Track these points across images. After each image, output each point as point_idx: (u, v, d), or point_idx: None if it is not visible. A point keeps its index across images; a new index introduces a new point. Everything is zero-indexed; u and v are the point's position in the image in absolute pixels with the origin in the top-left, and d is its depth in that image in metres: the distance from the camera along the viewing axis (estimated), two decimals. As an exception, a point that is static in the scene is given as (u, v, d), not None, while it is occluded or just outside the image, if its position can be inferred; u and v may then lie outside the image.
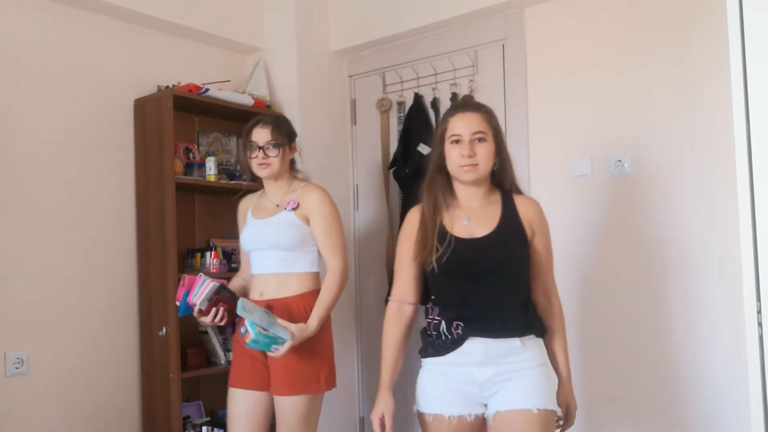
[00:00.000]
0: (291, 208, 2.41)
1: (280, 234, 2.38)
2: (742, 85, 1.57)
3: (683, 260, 2.64)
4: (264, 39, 3.49)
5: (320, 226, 2.40)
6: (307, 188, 2.47)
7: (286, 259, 2.40)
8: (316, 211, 2.41)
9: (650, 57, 2.72)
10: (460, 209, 1.96)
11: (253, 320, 2.14)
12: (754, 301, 1.55)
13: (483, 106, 1.99)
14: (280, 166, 2.43)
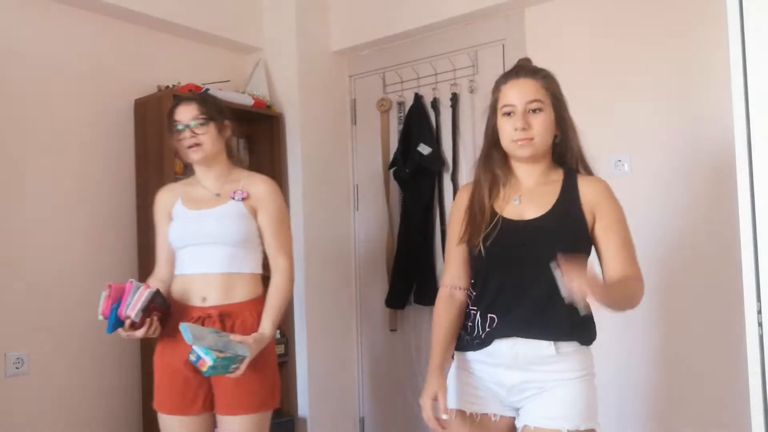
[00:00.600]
0: (240, 198, 2.13)
1: (227, 226, 2.09)
2: (742, 85, 1.57)
3: (683, 260, 2.64)
4: (264, 39, 3.49)
5: (270, 220, 2.14)
6: (253, 178, 2.21)
7: (232, 257, 2.09)
8: (266, 203, 2.15)
9: (650, 56, 2.72)
10: (516, 189, 1.74)
11: (205, 347, 1.84)
12: (754, 301, 1.55)
13: (540, 71, 1.78)
14: (213, 146, 2.15)
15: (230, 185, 2.17)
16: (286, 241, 2.18)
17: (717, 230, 2.55)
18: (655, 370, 2.69)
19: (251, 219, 2.13)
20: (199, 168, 2.21)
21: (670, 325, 2.66)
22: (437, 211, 3.29)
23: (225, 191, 2.16)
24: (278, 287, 2.11)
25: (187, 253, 2.12)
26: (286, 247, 2.17)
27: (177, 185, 2.28)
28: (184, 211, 2.16)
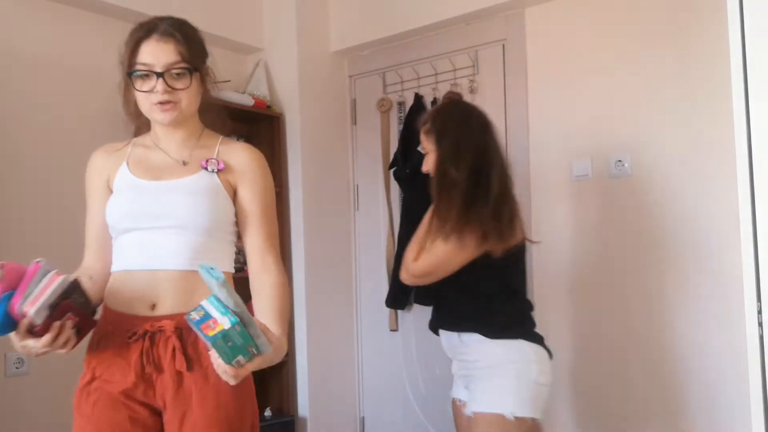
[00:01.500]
0: (214, 169, 1.59)
1: (197, 205, 1.54)
2: (742, 85, 1.56)
3: (683, 260, 2.64)
4: (264, 39, 3.49)
5: (256, 202, 1.62)
6: (230, 145, 1.67)
7: (198, 249, 1.54)
8: (251, 179, 1.62)
9: (651, 56, 2.72)
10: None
11: (228, 305, 1.25)
12: (755, 301, 1.55)
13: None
14: (192, 105, 1.59)
15: (201, 152, 1.62)
16: (275, 234, 1.66)
17: (717, 230, 2.55)
18: (655, 371, 2.69)
19: (228, 199, 1.60)
20: (160, 128, 1.63)
21: (670, 325, 2.66)
22: (437, 211, 3.29)
23: (194, 159, 1.61)
24: (278, 285, 1.57)
25: (132, 241, 1.55)
26: (275, 242, 1.65)
27: (121, 145, 1.69)
28: (133, 181, 1.58)
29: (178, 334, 1.49)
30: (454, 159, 2.00)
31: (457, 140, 2.02)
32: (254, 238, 1.62)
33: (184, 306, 1.47)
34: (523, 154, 3.02)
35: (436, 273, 1.98)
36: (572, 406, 2.88)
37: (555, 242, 2.94)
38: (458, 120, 2.07)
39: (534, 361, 1.94)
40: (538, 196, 2.99)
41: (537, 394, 1.92)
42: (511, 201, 2.00)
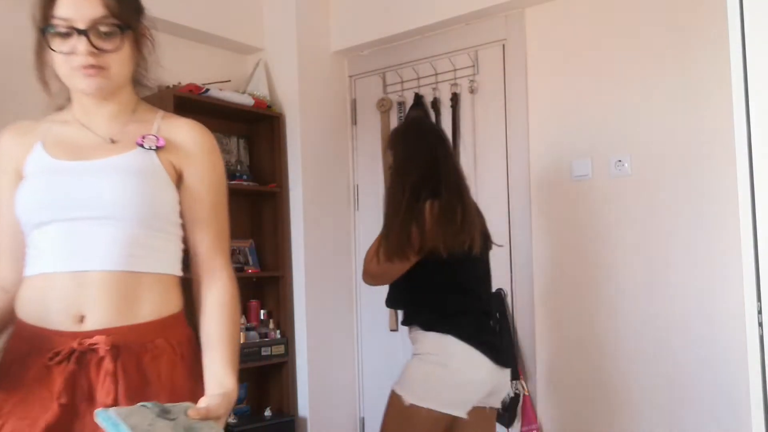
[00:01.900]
0: (152, 146, 1.29)
1: (130, 189, 1.23)
2: (742, 85, 1.56)
3: (683, 260, 2.64)
4: (264, 39, 3.49)
5: (206, 192, 1.34)
6: (173, 120, 1.38)
7: (134, 244, 1.23)
8: (198, 162, 1.34)
9: (651, 57, 2.72)
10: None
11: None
12: (755, 301, 1.55)
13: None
14: (124, 71, 1.30)
15: (136, 127, 1.33)
16: (225, 233, 1.38)
17: (717, 230, 2.55)
18: (654, 371, 2.68)
19: (171, 183, 1.30)
20: (85, 99, 1.32)
21: (670, 324, 2.66)
22: (437, 211, 3.29)
23: (127, 136, 1.30)
24: (226, 303, 1.32)
25: (51, 236, 1.23)
26: (225, 243, 1.37)
27: (35, 123, 1.38)
28: (50, 163, 1.27)
29: (115, 354, 1.17)
30: (402, 175, 2.14)
31: (407, 157, 2.16)
32: (200, 237, 1.33)
33: (122, 317, 1.20)
34: (523, 154, 3.02)
35: (384, 278, 2.21)
36: (569, 401, 2.88)
37: (555, 242, 2.94)
38: (412, 138, 2.21)
39: (456, 357, 2.01)
40: (539, 195, 2.99)
41: (447, 389, 1.99)
42: (463, 207, 2.10)
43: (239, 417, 3.13)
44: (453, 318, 2.06)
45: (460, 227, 2.05)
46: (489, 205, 3.14)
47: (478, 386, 2.03)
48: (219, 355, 1.27)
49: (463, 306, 2.11)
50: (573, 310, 2.89)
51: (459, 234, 2.04)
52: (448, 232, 2.03)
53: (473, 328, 2.07)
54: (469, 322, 2.08)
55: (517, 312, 3.04)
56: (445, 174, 2.13)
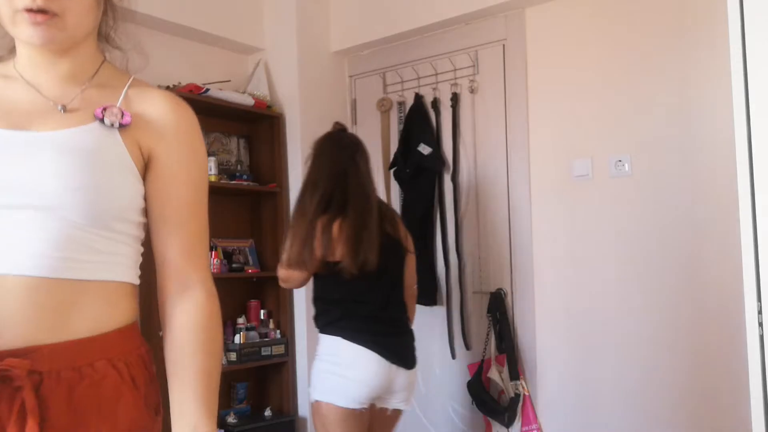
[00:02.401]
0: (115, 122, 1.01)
1: (80, 173, 0.96)
2: (742, 85, 1.57)
3: (683, 260, 2.64)
4: (264, 39, 3.49)
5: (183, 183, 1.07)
6: (145, 90, 1.10)
7: (76, 248, 0.96)
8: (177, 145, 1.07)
9: (651, 57, 2.72)
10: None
11: None
12: (755, 301, 1.55)
13: None
14: (85, 21, 1.02)
15: (97, 93, 1.05)
16: (203, 238, 1.10)
17: (717, 230, 2.55)
18: (654, 370, 2.69)
19: (135, 171, 1.03)
20: (32, 52, 1.03)
21: (670, 325, 2.66)
22: (437, 211, 3.29)
23: (84, 104, 1.03)
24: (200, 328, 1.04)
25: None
26: (203, 250, 1.10)
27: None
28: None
29: (36, 382, 0.90)
30: (312, 188, 2.27)
31: (318, 171, 2.30)
32: (170, 240, 1.05)
33: (48, 333, 0.92)
34: (523, 154, 3.02)
35: (289, 282, 2.35)
36: (569, 401, 2.89)
37: (555, 242, 2.94)
38: (326, 152, 2.33)
39: (346, 356, 2.21)
40: (539, 195, 2.99)
41: (339, 384, 2.19)
42: (365, 228, 2.22)
43: (239, 417, 3.13)
44: (342, 322, 2.25)
45: (358, 248, 2.19)
46: (488, 205, 3.15)
47: (371, 382, 2.19)
48: (192, 394, 1.01)
49: (354, 312, 2.26)
50: (573, 310, 2.89)
51: (357, 255, 2.18)
52: (348, 251, 2.19)
53: (361, 331, 2.22)
54: (357, 325, 2.24)
55: (517, 311, 3.05)
56: (353, 191, 2.25)
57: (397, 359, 2.26)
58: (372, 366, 2.20)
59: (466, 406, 3.12)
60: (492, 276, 3.13)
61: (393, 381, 2.25)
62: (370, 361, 2.20)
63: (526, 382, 2.98)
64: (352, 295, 2.27)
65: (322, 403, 2.21)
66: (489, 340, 3.06)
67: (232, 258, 3.21)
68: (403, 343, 2.36)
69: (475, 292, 3.19)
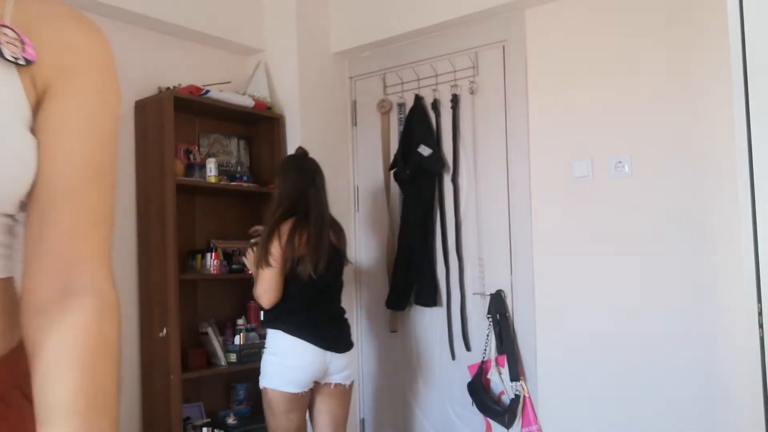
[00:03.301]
0: (18, 57, 0.69)
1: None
2: (742, 86, 1.57)
3: (683, 260, 2.64)
4: (265, 40, 3.49)
5: (81, 136, 0.73)
6: (41, 6, 0.76)
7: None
8: (83, 83, 0.74)
9: (651, 58, 2.72)
10: None
11: None
12: (755, 302, 1.55)
13: None
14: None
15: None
16: (104, 218, 0.76)
17: (717, 231, 2.55)
18: (654, 371, 2.68)
19: (26, 124, 0.72)
20: None
21: (670, 325, 2.66)
22: (438, 212, 3.29)
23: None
24: (92, 367, 0.69)
25: None
26: (102, 237, 0.75)
27: None
28: None
29: None
30: (277, 205, 2.62)
31: (282, 190, 2.65)
32: (51, 216, 0.71)
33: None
34: (523, 155, 3.02)
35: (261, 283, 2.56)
36: (569, 402, 2.88)
37: (555, 243, 2.94)
38: (290, 174, 2.67)
39: (283, 347, 2.51)
40: (539, 196, 2.99)
41: (281, 372, 2.50)
42: (320, 239, 2.59)
43: (239, 418, 3.13)
44: (281, 318, 2.54)
45: (314, 256, 2.55)
46: (489, 206, 3.15)
47: (307, 368, 2.51)
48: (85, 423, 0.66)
49: (293, 308, 2.56)
50: (573, 310, 2.89)
51: (313, 261, 2.54)
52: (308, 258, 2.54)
53: (298, 324, 2.53)
54: (295, 319, 2.54)
55: (517, 312, 3.05)
56: (312, 208, 2.62)
57: (330, 346, 2.57)
58: (307, 354, 2.51)
59: (467, 407, 3.12)
60: (492, 277, 3.13)
61: (329, 364, 2.57)
62: (305, 350, 2.51)
63: (526, 383, 2.98)
64: (295, 294, 2.57)
65: (268, 389, 2.52)
66: (489, 342, 3.06)
67: (232, 259, 3.21)
68: (337, 331, 2.67)
69: (475, 293, 3.19)
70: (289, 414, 2.51)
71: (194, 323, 3.15)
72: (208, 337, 3.10)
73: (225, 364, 3.06)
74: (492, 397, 3.02)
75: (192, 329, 3.12)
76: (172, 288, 2.84)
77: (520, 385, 2.95)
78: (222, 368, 3.06)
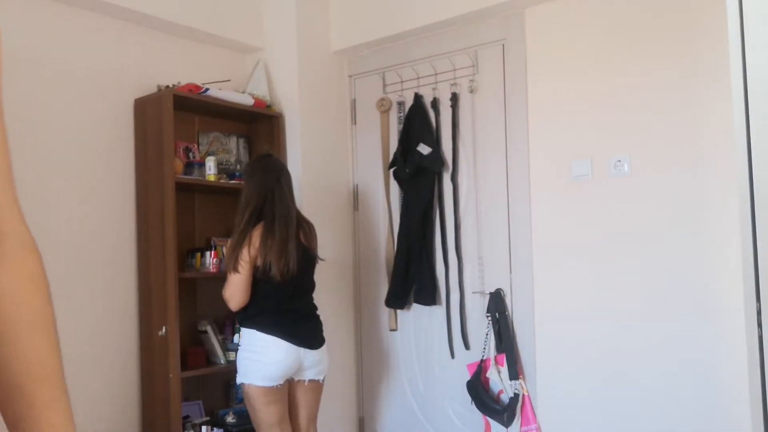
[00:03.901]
0: None
1: None
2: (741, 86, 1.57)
3: (683, 261, 2.64)
4: (264, 39, 3.49)
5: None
6: None
7: None
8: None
9: (650, 57, 2.72)
10: None
11: None
12: (754, 301, 1.55)
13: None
14: None
15: None
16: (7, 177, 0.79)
17: (716, 231, 2.55)
18: (654, 371, 2.69)
19: None
20: None
21: (669, 325, 2.66)
22: (437, 211, 3.29)
23: None
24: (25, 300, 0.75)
25: None
26: (8, 196, 0.78)
27: None
28: None
29: None
30: (244, 206, 2.67)
31: (248, 191, 2.69)
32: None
33: None
34: (522, 154, 3.02)
35: (230, 287, 2.62)
36: (569, 401, 2.89)
37: (554, 242, 2.94)
38: (256, 175, 2.71)
39: (259, 345, 2.59)
40: (538, 195, 2.99)
41: (256, 368, 2.58)
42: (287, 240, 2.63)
43: (238, 416, 3.13)
44: (255, 317, 2.62)
45: (284, 257, 2.61)
46: (488, 205, 3.15)
47: (281, 363, 2.59)
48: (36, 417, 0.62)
49: (266, 308, 2.63)
50: (572, 310, 2.89)
51: (283, 262, 2.60)
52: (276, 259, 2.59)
53: (272, 323, 2.61)
54: (268, 318, 2.61)
55: (516, 312, 3.05)
56: (278, 208, 2.65)
57: (303, 343, 2.65)
58: (281, 350, 2.60)
59: (466, 406, 3.12)
60: (491, 276, 3.13)
61: (302, 360, 2.66)
62: (279, 347, 2.60)
63: (526, 381, 2.98)
64: (267, 294, 2.63)
65: (245, 384, 2.62)
66: (488, 340, 3.06)
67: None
68: (309, 329, 2.73)
69: (474, 292, 3.19)
70: (269, 406, 2.60)
71: (193, 322, 3.15)
72: (208, 335, 3.10)
73: (224, 363, 3.06)
74: (491, 396, 3.03)
75: (191, 328, 3.12)
76: (171, 286, 2.84)
77: (519, 384, 2.95)
78: (221, 366, 3.06)
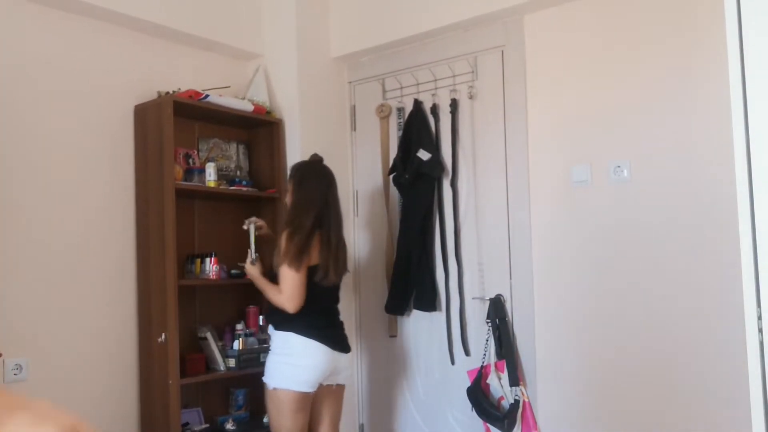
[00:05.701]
0: None
1: None
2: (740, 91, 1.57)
3: (682, 266, 2.64)
4: (264, 45, 3.50)
5: None
6: None
7: None
8: None
9: (649, 63, 2.72)
10: None
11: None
12: (755, 306, 1.55)
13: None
14: None
15: None
16: None
17: (716, 236, 2.55)
18: (654, 375, 2.68)
19: None
20: None
21: (669, 329, 2.66)
22: (437, 216, 3.29)
23: None
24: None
25: None
26: None
27: None
28: None
29: None
30: (305, 210, 2.68)
31: (307, 194, 2.71)
32: None
33: None
34: (522, 160, 3.03)
35: (284, 283, 2.60)
36: (569, 407, 2.88)
37: (554, 248, 2.94)
38: (312, 180, 2.75)
39: (297, 348, 2.59)
40: (538, 201, 2.99)
41: (293, 372, 2.57)
42: (339, 245, 2.73)
43: (237, 423, 3.12)
44: (295, 320, 2.61)
45: (337, 262, 2.71)
46: (488, 210, 3.15)
47: (319, 368, 2.60)
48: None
49: (307, 312, 2.62)
50: (573, 315, 2.89)
51: (336, 267, 2.69)
52: (332, 264, 2.68)
53: (309, 326, 2.61)
54: (306, 321, 2.61)
55: (516, 317, 3.04)
56: (333, 215, 2.73)
57: (337, 346, 2.68)
58: (320, 354, 2.60)
59: (466, 413, 3.11)
60: (491, 282, 3.13)
61: (337, 364, 2.69)
62: (318, 350, 2.60)
63: (526, 387, 2.97)
64: (313, 299, 2.64)
65: (279, 389, 2.58)
66: (488, 346, 3.05)
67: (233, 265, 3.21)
68: (341, 334, 2.78)
69: (474, 298, 3.19)
70: (296, 414, 2.58)
71: (193, 328, 3.15)
72: (207, 342, 3.10)
73: (224, 369, 3.05)
74: (491, 402, 3.02)
75: (191, 334, 3.11)
76: (171, 293, 2.83)
77: (519, 390, 2.94)
78: (221, 373, 3.05)
